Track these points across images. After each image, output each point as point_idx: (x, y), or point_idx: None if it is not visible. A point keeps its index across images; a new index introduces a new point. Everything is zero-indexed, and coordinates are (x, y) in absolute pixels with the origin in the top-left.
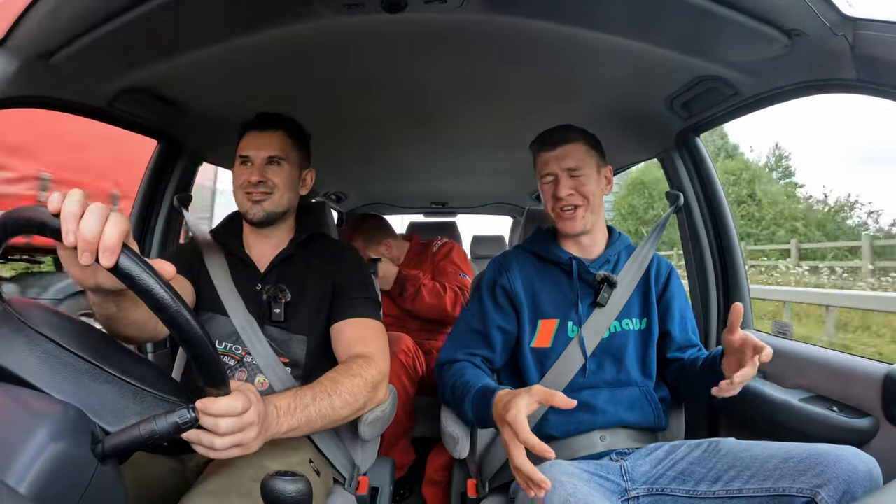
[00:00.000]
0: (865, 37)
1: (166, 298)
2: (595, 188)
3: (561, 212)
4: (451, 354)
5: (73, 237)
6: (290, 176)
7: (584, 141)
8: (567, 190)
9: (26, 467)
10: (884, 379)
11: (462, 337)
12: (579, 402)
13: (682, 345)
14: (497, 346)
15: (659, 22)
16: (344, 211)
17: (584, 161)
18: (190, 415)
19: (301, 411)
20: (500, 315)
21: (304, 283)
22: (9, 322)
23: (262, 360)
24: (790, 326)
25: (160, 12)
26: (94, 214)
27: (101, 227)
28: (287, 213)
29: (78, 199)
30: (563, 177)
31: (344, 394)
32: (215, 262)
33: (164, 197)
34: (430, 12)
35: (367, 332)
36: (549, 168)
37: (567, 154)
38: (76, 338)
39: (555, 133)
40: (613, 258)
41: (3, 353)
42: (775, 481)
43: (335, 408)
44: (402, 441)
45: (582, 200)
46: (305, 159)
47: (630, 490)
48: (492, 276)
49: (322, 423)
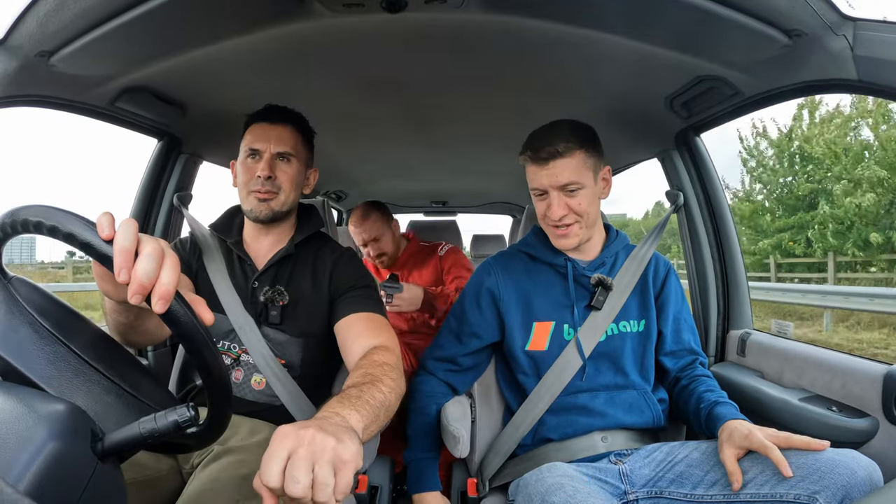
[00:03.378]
0: (865, 37)
1: (205, 347)
2: (592, 200)
3: (555, 229)
4: (424, 360)
5: (127, 276)
6: (297, 174)
7: (579, 149)
8: (561, 211)
9: (25, 465)
10: (883, 379)
11: (437, 339)
12: (577, 405)
13: (673, 350)
14: (468, 345)
15: (659, 21)
16: (344, 210)
17: (579, 174)
18: (189, 413)
19: (358, 403)
20: (478, 316)
21: (301, 286)
22: (15, 307)
23: (259, 359)
24: (789, 326)
25: (160, 12)
26: (151, 258)
27: (157, 271)
28: (290, 212)
29: (133, 234)
30: (555, 196)
31: (384, 378)
32: (213, 258)
33: (164, 196)
34: (430, 12)
35: (375, 324)
36: (538, 183)
37: (561, 170)
38: (79, 334)
39: (545, 142)
40: (610, 260)
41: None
42: (772, 487)
43: (385, 392)
44: (394, 439)
45: (577, 218)
46: (311, 158)
47: (629, 493)
48: (480, 278)
49: (385, 413)
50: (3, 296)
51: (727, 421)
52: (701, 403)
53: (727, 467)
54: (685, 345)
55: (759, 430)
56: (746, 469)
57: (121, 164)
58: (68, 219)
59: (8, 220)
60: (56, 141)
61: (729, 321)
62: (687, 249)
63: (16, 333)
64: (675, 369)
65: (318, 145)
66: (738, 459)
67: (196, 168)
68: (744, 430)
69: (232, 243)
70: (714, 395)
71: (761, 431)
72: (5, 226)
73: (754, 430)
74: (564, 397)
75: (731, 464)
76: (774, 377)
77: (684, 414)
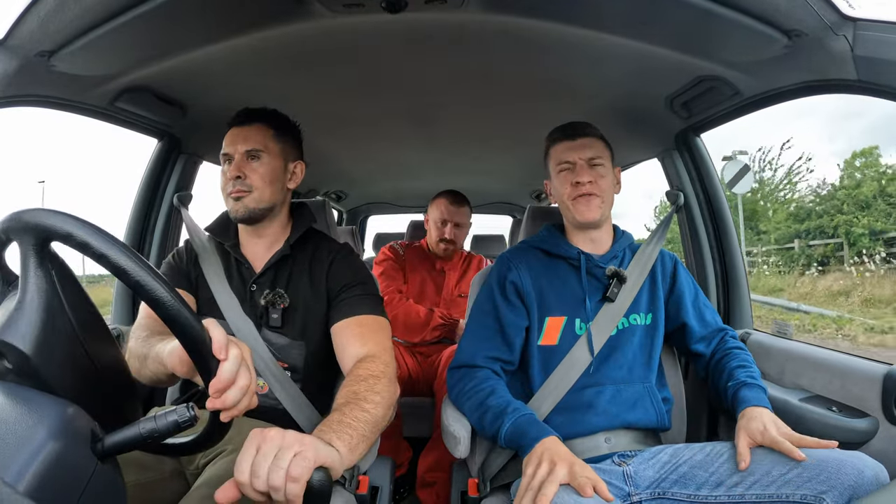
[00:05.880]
0: (865, 37)
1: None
2: (611, 183)
3: (579, 197)
4: (470, 358)
5: (220, 403)
6: (271, 169)
7: (600, 137)
8: (588, 176)
9: (25, 465)
10: (883, 379)
11: (479, 338)
12: (583, 401)
13: (703, 335)
14: (515, 345)
15: (659, 22)
16: (344, 210)
17: (602, 154)
18: (189, 413)
19: (340, 427)
20: (513, 312)
21: (300, 288)
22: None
23: (260, 362)
24: (789, 326)
25: (160, 12)
26: (241, 391)
27: (241, 400)
28: (275, 209)
29: (238, 367)
30: (583, 165)
31: (368, 395)
32: (211, 262)
33: (164, 196)
34: (431, 12)
35: (364, 328)
36: (568, 157)
37: (588, 145)
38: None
39: (576, 126)
40: (620, 254)
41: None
42: (779, 487)
43: (369, 410)
44: (394, 439)
45: (599, 191)
46: (293, 150)
47: (633, 495)
48: (502, 273)
49: (371, 429)
50: (48, 287)
51: (748, 407)
52: (730, 381)
53: (737, 448)
54: (712, 326)
55: (775, 427)
56: (753, 469)
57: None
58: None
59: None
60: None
61: (729, 321)
62: (687, 249)
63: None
64: (708, 352)
65: (318, 146)
66: (749, 448)
67: (196, 168)
68: (759, 425)
69: (229, 246)
70: (744, 372)
71: (776, 428)
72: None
73: (769, 428)
74: (570, 394)
75: (742, 446)
76: (775, 377)
77: (715, 389)
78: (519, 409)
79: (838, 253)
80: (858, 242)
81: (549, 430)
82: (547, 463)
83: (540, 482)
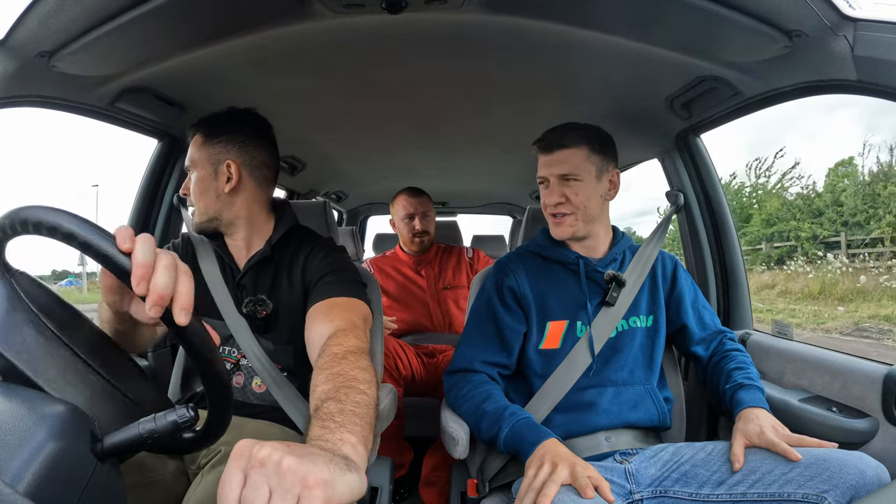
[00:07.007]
0: (865, 37)
1: (214, 364)
2: (591, 195)
3: (551, 217)
4: (467, 363)
5: (145, 288)
6: (198, 182)
7: (585, 145)
8: (555, 198)
9: (24, 466)
10: (883, 379)
11: (476, 343)
12: (583, 402)
13: (702, 337)
14: (513, 349)
15: (659, 22)
16: (344, 211)
17: (579, 168)
18: (189, 413)
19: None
20: (512, 317)
21: (282, 292)
22: (18, 304)
23: (257, 362)
24: (790, 327)
25: (160, 12)
26: (168, 270)
27: (174, 283)
28: (223, 218)
29: (152, 248)
30: (553, 183)
31: (356, 372)
32: (207, 260)
33: (164, 196)
34: (431, 12)
35: (333, 308)
36: (542, 171)
37: (561, 160)
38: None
39: (554, 135)
40: (619, 257)
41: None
42: (780, 486)
43: (365, 391)
44: (396, 440)
45: (571, 209)
46: (220, 152)
47: (634, 493)
48: (498, 278)
49: (375, 413)
50: (6, 291)
51: (745, 409)
52: (727, 383)
53: (732, 449)
54: (710, 328)
55: (773, 430)
56: (755, 468)
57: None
58: (86, 228)
59: (18, 218)
60: (56, 141)
61: (729, 321)
62: (687, 250)
63: (19, 332)
64: (707, 354)
65: (318, 146)
66: (747, 449)
67: None
68: (756, 427)
69: (216, 245)
70: (742, 374)
71: (774, 431)
72: (14, 224)
73: (765, 430)
74: (571, 394)
75: (737, 447)
76: (775, 378)
77: (714, 391)
78: (516, 413)
79: (794, 254)
80: (805, 245)
81: (548, 431)
82: (549, 464)
83: (541, 483)
